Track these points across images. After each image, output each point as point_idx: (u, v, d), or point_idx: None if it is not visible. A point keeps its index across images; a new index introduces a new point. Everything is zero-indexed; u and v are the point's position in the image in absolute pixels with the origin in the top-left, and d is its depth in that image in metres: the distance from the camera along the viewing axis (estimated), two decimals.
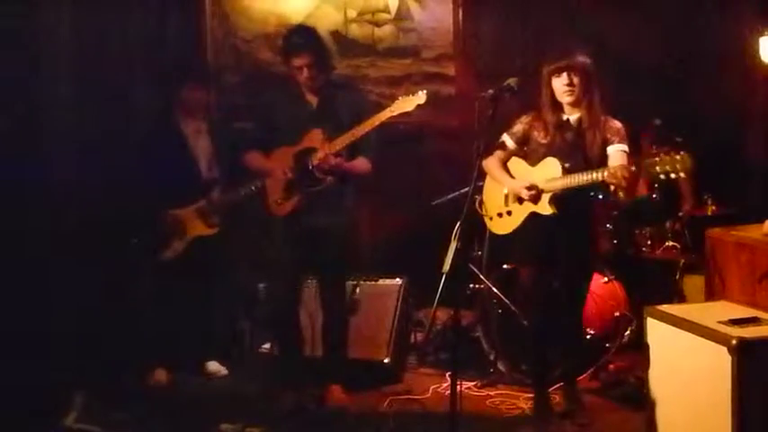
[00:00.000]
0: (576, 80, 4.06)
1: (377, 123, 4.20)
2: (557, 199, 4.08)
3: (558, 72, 4.08)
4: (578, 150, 4.10)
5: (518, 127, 4.28)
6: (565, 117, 4.15)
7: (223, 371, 5.16)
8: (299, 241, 4.43)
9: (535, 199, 4.14)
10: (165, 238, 4.92)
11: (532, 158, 4.22)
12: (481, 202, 4.52)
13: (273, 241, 4.53)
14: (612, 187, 4.04)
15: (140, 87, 5.50)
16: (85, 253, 5.01)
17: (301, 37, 4.34)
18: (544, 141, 4.18)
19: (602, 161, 4.05)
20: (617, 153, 4.04)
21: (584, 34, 5.82)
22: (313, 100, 4.40)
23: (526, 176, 4.20)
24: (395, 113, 4.18)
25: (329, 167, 4.28)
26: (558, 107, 4.17)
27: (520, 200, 4.22)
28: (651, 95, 5.76)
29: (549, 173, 4.11)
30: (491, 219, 4.46)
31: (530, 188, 4.12)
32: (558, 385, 4.47)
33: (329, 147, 4.25)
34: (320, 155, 4.26)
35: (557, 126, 4.15)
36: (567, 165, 4.05)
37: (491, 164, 4.32)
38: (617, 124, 4.10)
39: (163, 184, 4.84)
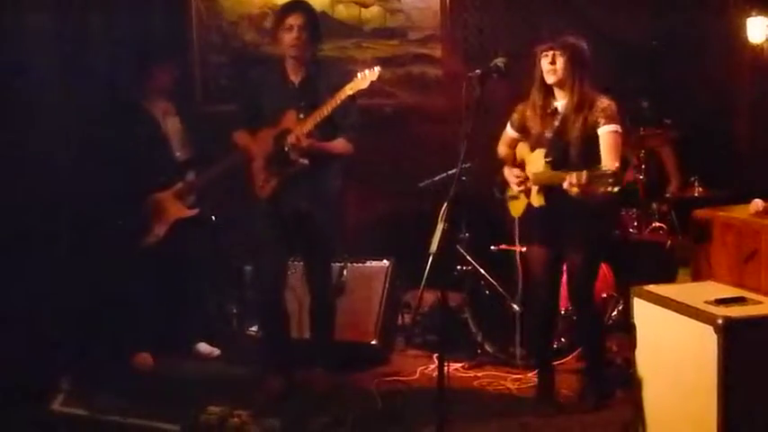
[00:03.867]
0: (559, 60, 3.99)
1: (336, 104, 4.19)
2: (545, 191, 4.06)
3: (546, 51, 4.04)
4: (563, 141, 4.04)
5: (514, 116, 4.28)
6: (554, 104, 4.10)
7: (215, 351, 5.16)
8: (284, 224, 4.42)
9: (527, 192, 4.16)
10: (146, 222, 4.89)
11: (532, 145, 4.21)
12: (502, 184, 4.51)
13: (259, 224, 4.51)
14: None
15: (124, 70, 5.43)
16: (70, 239, 4.97)
17: (298, 2, 4.39)
18: (535, 131, 4.16)
19: (591, 147, 4.00)
20: (606, 135, 3.96)
21: (572, 15, 5.81)
22: (296, 79, 4.38)
23: (527, 164, 4.22)
24: (353, 92, 4.19)
25: (303, 149, 4.26)
26: (548, 92, 4.11)
27: None
28: (639, 77, 5.75)
29: (535, 166, 4.11)
30: (508, 201, 4.46)
31: (519, 182, 4.16)
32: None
33: (300, 128, 4.24)
34: (292, 136, 4.25)
35: (544, 113, 4.11)
36: (548, 159, 4.02)
37: (500, 149, 4.37)
38: (605, 102, 4.00)
39: (139, 168, 4.82)
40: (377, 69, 4.21)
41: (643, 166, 5.22)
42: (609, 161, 3.89)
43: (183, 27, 6.06)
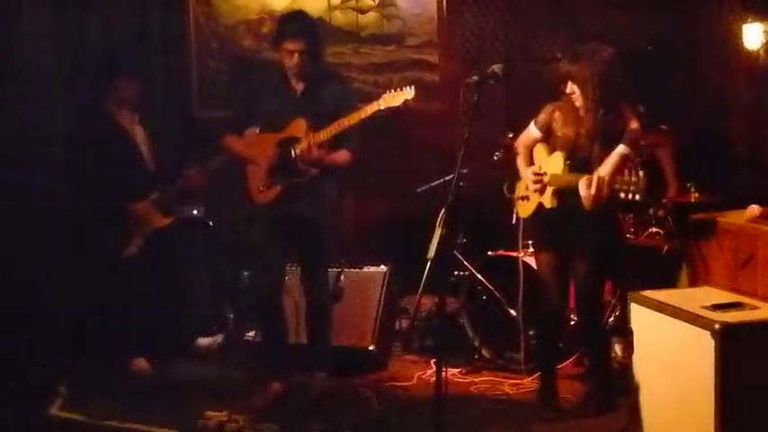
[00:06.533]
0: (575, 89, 3.97)
1: (363, 117, 4.18)
2: (559, 193, 4.07)
3: (570, 78, 4.00)
4: (586, 147, 4.03)
5: (542, 116, 4.23)
6: (581, 113, 4.07)
7: (217, 339, 5.15)
8: (282, 229, 4.42)
9: (541, 190, 4.15)
10: (127, 234, 4.88)
11: (551, 147, 4.20)
12: (513, 184, 4.51)
13: (256, 229, 4.52)
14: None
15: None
16: (63, 247, 4.96)
17: (297, 22, 4.32)
18: (560, 133, 4.15)
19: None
20: (615, 153, 3.92)
21: (568, 20, 5.83)
22: (298, 87, 4.37)
23: (542, 165, 4.21)
24: (382, 108, 4.17)
25: (313, 159, 4.26)
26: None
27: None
28: (635, 82, 5.76)
29: (554, 167, 4.11)
30: (516, 201, 4.48)
31: (536, 180, 4.15)
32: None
33: (313, 138, 4.23)
34: (304, 145, 4.24)
35: (573, 117, 4.09)
36: (568, 162, 4.03)
37: (518, 147, 4.35)
38: (634, 125, 3.96)
39: (115, 180, 4.75)
40: (411, 89, 4.17)
41: (641, 173, 5.21)
42: (604, 172, 3.88)
43: (181, 32, 6.06)
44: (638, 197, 3.62)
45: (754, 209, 3.96)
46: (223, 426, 3.96)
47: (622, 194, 3.66)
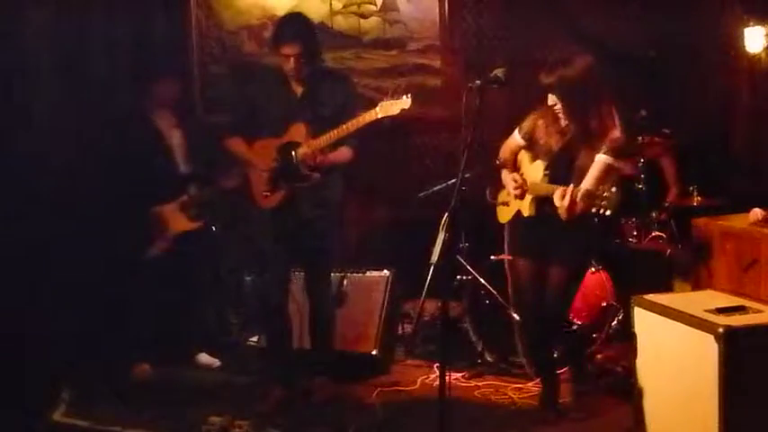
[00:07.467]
0: (557, 100, 3.97)
1: (360, 125, 4.20)
2: (537, 202, 4.07)
3: (547, 89, 4.01)
4: (566, 158, 4.02)
5: (525, 123, 4.25)
6: (565, 122, 4.06)
7: (216, 363, 5.16)
8: (285, 233, 4.42)
9: (520, 197, 4.16)
10: (150, 235, 4.89)
11: (534, 155, 4.20)
12: (495, 189, 4.51)
13: (260, 233, 4.52)
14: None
15: (125, 82, 5.44)
16: (71, 251, 4.97)
17: (293, 26, 4.33)
18: (542, 142, 4.15)
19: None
20: (597, 163, 3.90)
21: (570, 25, 5.83)
22: (298, 90, 4.38)
23: (524, 172, 4.22)
24: (379, 117, 4.18)
25: (314, 164, 4.27)
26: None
27: None
28: (637, 87, 5.77)
29: (534, 175, 4.12)
30: (497, 205, 4.48)
31: (516, 186, 4.16)
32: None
33: (313, 144, 4.24)
34: (305, 151, 4.25)
35: (555, 127, 4.09)
36: (547, 172, 4.04)
37: (502, 153, 4.36)
38: (614, 134, 3.92)
39: (145, 180, 4.81)
40: (408, 98, 4.18)
41: (642, 176, 5.23)
42: (588, 184, 3.85)
43: (183, 37, 6.07)
44: (608, 212, 3.62)
45: (757, 212, 3.96)
46: (226, 431, 3.96)
47: (594, 209, 3.66)
